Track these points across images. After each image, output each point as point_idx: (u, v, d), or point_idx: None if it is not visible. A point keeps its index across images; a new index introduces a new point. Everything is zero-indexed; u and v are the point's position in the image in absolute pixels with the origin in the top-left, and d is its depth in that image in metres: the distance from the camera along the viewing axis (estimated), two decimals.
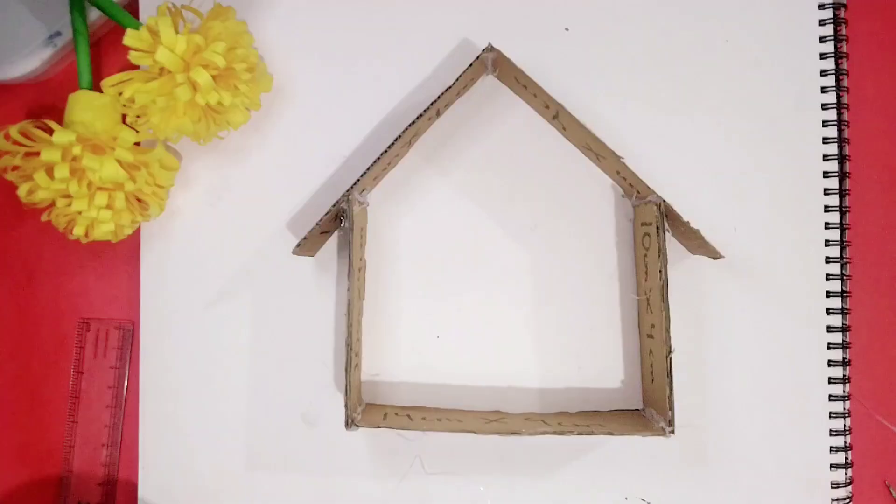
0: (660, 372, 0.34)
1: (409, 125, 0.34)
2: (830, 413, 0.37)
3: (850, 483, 0.37)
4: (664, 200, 0.34)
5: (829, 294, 0.37)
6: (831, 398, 0.37)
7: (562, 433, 0.33)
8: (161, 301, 0.38)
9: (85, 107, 0.35)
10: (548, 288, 0.37)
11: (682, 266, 0.37)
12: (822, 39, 0.38)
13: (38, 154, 0.33)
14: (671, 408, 0.33)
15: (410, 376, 0.37)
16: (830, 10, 0.38)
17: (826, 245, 0.37)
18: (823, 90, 0.38)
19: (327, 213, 0.34)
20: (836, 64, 0.37)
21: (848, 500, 0.37)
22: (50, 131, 0.34)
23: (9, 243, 0.40)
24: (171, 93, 0.33)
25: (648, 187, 0.34)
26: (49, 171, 0.33)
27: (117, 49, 0.39)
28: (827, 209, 0.37)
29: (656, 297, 0.34)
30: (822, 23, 0.38)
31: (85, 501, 0.39)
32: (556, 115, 0.36)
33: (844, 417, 0.37)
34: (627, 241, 0.37)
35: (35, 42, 0.38)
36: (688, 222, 0.34)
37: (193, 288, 0.38)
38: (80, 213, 0.34)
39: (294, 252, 0.36)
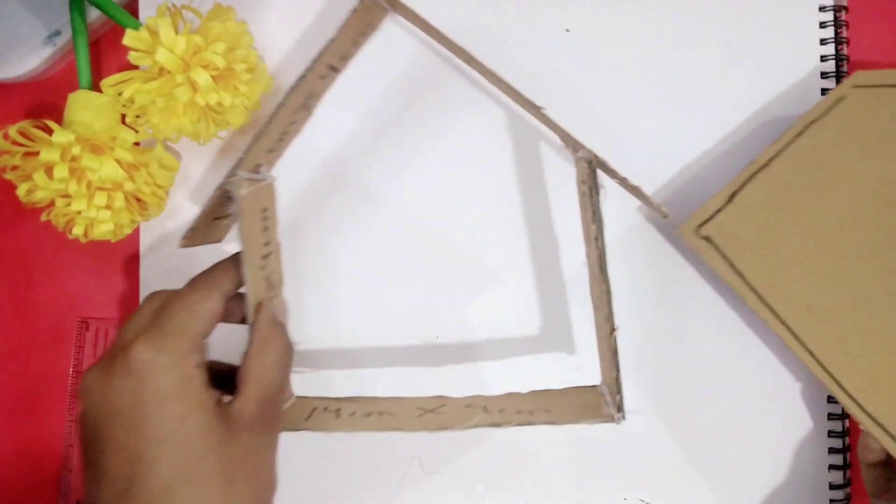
0: (605, 351, 0.31)
1: (292, 88, 0.29)
2: (829, 414, 0.37)
3: (848, 484, 0.37)
4: (596, 156, 0.31)
5: None
6: (829, 400, 0.37)
7: (498, 425, 0.31)
8: None
9: (84, 106, 0.35)
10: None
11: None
12: (823, 42, 0.38)
13: (37, 154, 0.33)
14: (619, 391, 0.30)
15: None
16: (831, 12, 0.38)
17: None
18: (824, 92, 0.37)
19: (212, 197, 0.30)
20: (837, 66, 0.37)
21: (846, 502, 0.37)
22: (49, 131, 0.34)
23: (8, 243, 0.40)
24: (171, 93, 0.33)
25: (577, 141, 0.31)
26: (48, 170, 0.33)
27: (117, 49, 0.39)
28: None
29: (594, 267, 0.30)
30: (822, 25, 0.38)
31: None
32: (469, 61, 0.33)
33: (843, 419, 0.37)
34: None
35: (34, 41, 0.38)
36: (625, 178, 0.31)
37: None
38: (79, 212, 0.34)
39: (181, 245, 0.32)
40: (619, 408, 0.30)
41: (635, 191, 0.31)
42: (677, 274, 0.37)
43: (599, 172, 0.32)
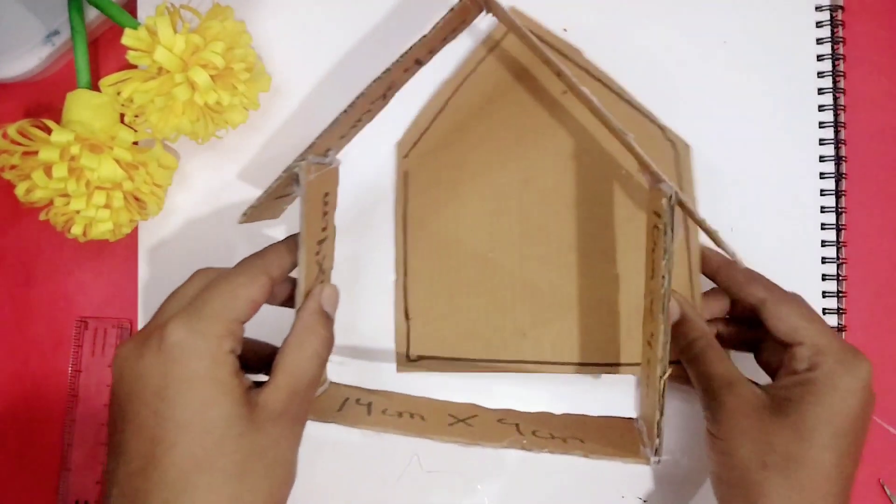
0: (653, 390, 0.31)
1: (376, 80, 0.30)
2: None
3: None
4: (677, 192, 0.29)
5: (825, 294, 0.37)
6: None
7: (530, 450, 0.30)
8: (159, 300, 0.38)
9: (83, 106, 0.35)
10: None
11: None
12: (819, 41, 0.38)
13: (36, 153, 0.33)
14: (659, 434, 0.30)
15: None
16: (827, 11, 0.38)
17: (822, 246, 0.37)
18: (820, 91, 0.38)
19: (278, 179, 0.30)
20: (833, 65, 0.38)
21: None
22: (48, 130, 0.34)
23: (7, 242, 0.40)
24: (170, 92, 0.33)
25: (659, 173, 0.30)
26: (47, 170, 0.33)
27: (115, 48, 0.39)
28: (823, 210, 0.37)
29: (657, 306, 0.30)
30: (819, 24, 0.38)
31: (83, 499, 0.39)
32: (560, 73, 0.32)
33: None
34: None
35: (33, 41, 0.38)
36: (703, 220, 0.30)
37: None
38: (78, 212, 0.34)
39: (240, 221, 0.32)
40: (657, 451, 0.29)
41: (711, 234, 0.30)
42: None
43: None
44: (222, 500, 0.24)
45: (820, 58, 0.38)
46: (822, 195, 0.37)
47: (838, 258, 0.37)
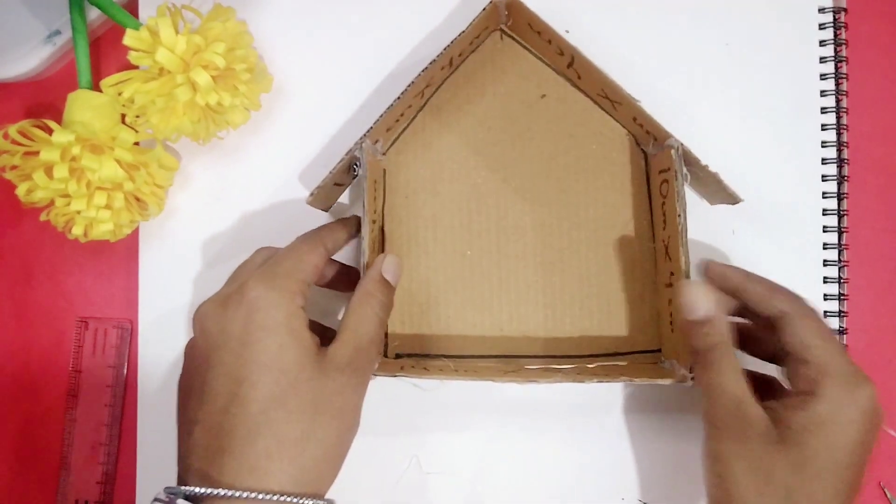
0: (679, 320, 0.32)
1: (422, 71, 0.33)
2: None
3: None
4: (682, 144, 0.33)
5: (826, 297, 0.37)
6: None
7: (581, 381, 0.33)
8: (159, 300, 0.38)
9: (84, 106, 0.35)
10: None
11: None
12: (822, 43, 0.38)
13: (37, 153, 0.33)
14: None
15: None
16: (831, 13, 0.38)
17: (824, 248, 0.37)
18: (823, 94, 0.38)
19: (340, 161, 0.33)
20: (836, 67, 0.37)
21: None
22: (49, 131, 0.34)
23: (7, 242, 0.40)
24: (171, 93, 0.33)
25: (666, 132, 0.34)
26: (48, 170, 0.33)
27: (117, 48, 0.39)
28: (825, 212, 0.37)
29: (675, 243, 0.33)
30: (822, 27, 0.38)
31: (83, 499, 0.39)
32: (571, 62, 0.36)
33: None
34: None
35: (34, 40, 0.38)
36: (706, 166, 0.33)
37: (192, 287, 0.38)
38: (78, 212, 0.34)
39: (307, 202, 0.34)
40: (692, 370, 0.32)
41: (711, 177, 0.33)
42: None
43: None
44: (297, 433, 0.27)
45: (823, 60, 0.38)
46: (824, 197, 0.37)
47: (840, 260, 0.37)
